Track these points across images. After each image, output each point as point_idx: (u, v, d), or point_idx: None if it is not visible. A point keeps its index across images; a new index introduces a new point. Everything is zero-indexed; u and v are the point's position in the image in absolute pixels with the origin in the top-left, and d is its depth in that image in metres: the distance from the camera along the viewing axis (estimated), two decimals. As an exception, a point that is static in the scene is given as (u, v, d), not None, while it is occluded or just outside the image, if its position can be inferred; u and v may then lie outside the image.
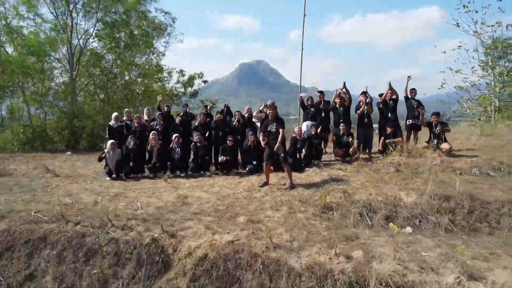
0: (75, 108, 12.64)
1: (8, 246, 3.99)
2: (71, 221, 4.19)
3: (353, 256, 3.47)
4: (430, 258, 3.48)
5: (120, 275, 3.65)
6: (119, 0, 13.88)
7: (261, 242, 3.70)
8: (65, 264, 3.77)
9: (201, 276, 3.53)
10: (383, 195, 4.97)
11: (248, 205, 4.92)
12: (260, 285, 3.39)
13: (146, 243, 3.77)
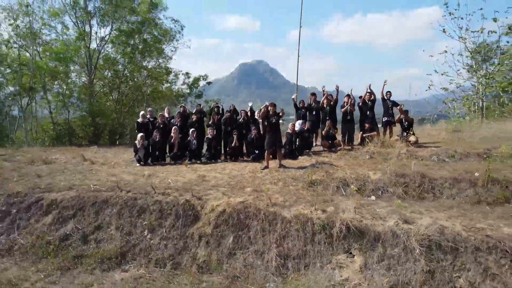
0: (96, 108, 14.19)
1: (80, 207, 5.48)
2: (124, 189, 5.68)
3: (327, 210, 4.96)
4: (381, 212, 4.97)
5: (164, 225, 5.13)
6: (133, 11, 15.40)
7: (263, 202, 5.19)
8: (123, 218, 5.26)
9: (221, 224, 5.02)
10: (356, 174, 6.45)
11: (253, 181, 6.41)
12: (262, 229, 4.88)
13: (181, 203, 5.26)
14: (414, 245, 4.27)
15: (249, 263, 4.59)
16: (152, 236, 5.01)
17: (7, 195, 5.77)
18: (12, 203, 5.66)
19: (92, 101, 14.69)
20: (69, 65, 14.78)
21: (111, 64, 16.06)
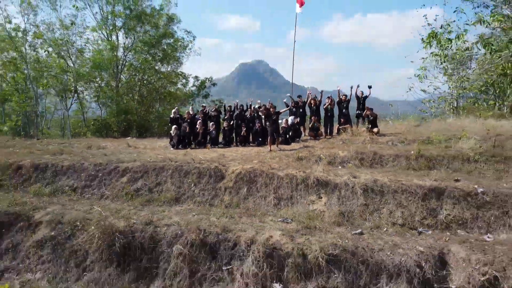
0: (127, 107, 17.03)
1: (145, 171, 8.25)
2: (172, 160, 8.47)
3: (306, 172, 7.72)
4: (340, 173, 7.73)
5: (201, 182, 7.90)
6: (156, 26, 18.22)
7: (265, 167, 7.95)
8: (174, 178, 8.03)
9: (238, 181, 7.77)
10: (329, 153, 9.21)
11: (258, 157, 9.17)
12: (265, 183, 7.64)
13: (212, 168, 8.04)
14: (357, 189, 7.04)
15: (256, 203, 7.36)
16: (195, 188, 7.78)
17: (94, 165, 8.54)
18: (98, 170, 8.43)
19: (120, 102, 17.55)
20: (102, 71, 17.62)
21: (134, 70, 18.94)
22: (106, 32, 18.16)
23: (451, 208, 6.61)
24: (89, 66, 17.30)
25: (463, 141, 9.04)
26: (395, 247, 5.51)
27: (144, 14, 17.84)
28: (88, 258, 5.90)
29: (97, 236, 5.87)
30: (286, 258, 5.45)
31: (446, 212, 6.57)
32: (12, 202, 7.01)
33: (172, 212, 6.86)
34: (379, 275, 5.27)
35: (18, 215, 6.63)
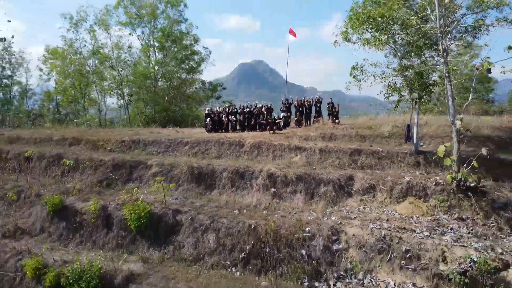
0: (166, 106, 23.15)
1: (198, 142, 14.29)
2: (213, 138, 14.56)
3: (290, 141, 13.78)
4: (309, 144, 13.79)
5: (230, 148, 13.93)
6: (186, 47, 24.44)
7: (266, 140, 14.00)
8: (215, 146, 14.04)
9: (252, 147, 13.80)
10: (305, 133, 15.25)
11: (262, 136, 15.22)
12: (267, 148, 13.67)
13: (237, 141, 14.08)
14: (316, 150, 13.10)
15: (262, 158, 13.38)
16: (227, 152, 13.83)
17: (167, 140, 14.60)
18: (170, 142, 14.48)
19: (159, 102, 23.70)
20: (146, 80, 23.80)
21: (166, 79, 25.11)
22: (148, 51, 24.32)
23: (364, 159, 12.67)
24: (136, 76, 23.49)
25: (384, 127, 15.13)
26: (329, 173, 11.56)
27: (177, 38, 24.00)
28: (181, 180, 11.94)
29: (185, 170, 11.92)
30: (277, 177, 11.51)
31: (361, 161, 12.63)
32: (132, 156, 13.08)
33: (217, 162, 12.91)
34: (319, 184, 11.31)
35: (139, 162, 12.68)
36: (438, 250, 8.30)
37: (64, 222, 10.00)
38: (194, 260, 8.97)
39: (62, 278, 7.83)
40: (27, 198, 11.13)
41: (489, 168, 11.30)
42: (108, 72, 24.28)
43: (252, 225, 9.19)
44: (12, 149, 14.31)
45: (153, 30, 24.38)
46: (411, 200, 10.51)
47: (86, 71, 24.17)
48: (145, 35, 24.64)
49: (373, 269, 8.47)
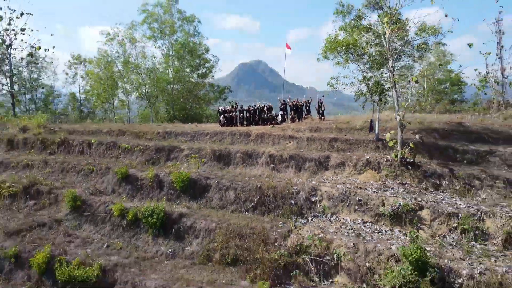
0: (183, 105, 27.77)
1: (216, 133, 18.83)
2: (227, 129, 19.12)
3: (285, 132, 18.37)
4: (299, 134, 18.40)
5: (240, 137, 18.47)
6: (199, 56, 29.03)
7: (268, 132, 18.58)
8: (229, 136, 18.59)
9: (256, 136, 18.33)
10: (297, 127, 19.80)
11: (264, 129, 19.80)
12: (268, 137, 18.25)
13: (245, 132, 18.63)
14: (304, 139, 17.68)
15: (264, 144, 17.90)
16: (238, 140, 18.37)
17: (192, 131, 19.13)
18: (195, 133, 18.98)
19: (178, 102, 28.33)
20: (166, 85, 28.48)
21: (182, 83, 29.75)
22: (167, 60, 28.91)
23: (339, 144, 17.22)
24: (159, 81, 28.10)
25: (357, 122, 19.70)
26: (313, 154, 16.10)
27: (192, 49, 28.57)
28: (206, 158, 16.46)
29: (209, 151, 16.46)
30: (275, 157, 16.07)
31: (336, 146, 17.19)
32: (168, 143, 17.65)
33: (231, 147, 17.46)
34: (305, 161, 15.84)
35: (174, 146, 17.21)
36: (379, 199, 12.89)
37: (130, 185, 14.57)
38: (220, 208, 13.55)
39: (139, 214, 12.41)
40: (99, 171, 15.67)
41: (430, 150, 15.93)
42: (135, 77, 28.84)
43: (258, 185, 13.78)
44: (75, 138, 18.84)
45: (172, 43, 28.95)
46: (368, 172, 15.11)
47: (116, 76, 28.72)
48: (164, 46, 29.33)
49: (337, 212, 13.05)
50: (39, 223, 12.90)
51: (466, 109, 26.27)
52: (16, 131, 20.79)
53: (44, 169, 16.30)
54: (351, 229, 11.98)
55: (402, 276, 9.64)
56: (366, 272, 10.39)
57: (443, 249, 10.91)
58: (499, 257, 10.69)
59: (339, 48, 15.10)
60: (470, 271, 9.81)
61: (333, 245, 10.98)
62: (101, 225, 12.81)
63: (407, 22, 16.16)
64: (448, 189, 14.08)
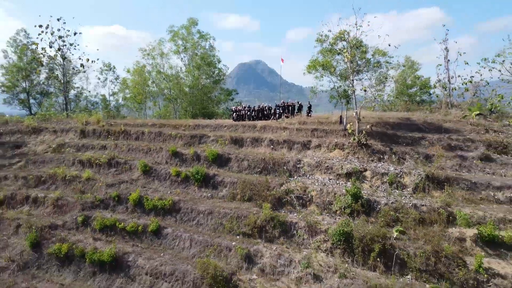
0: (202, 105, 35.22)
1: (231, 125, 26.26)
2: (240, 123, 26.59)
3: (281, 125, 25.83)
4: (290, 126, 25.89)
5: (249, 128, 25.92)
6: (214, 66, 36.51)
7: (268, 124, 26.03)
8: (241, 127, 25.95)
9: (261, 128, 25.70)
10: (289, 121, 27.21)
11: (266, 123, 27.24)
12: (268, 128, 25.68)
13: (252, 124, 26.06)
14: (294, 129, 25.12)
15: (266, 132, 25.30)
16: (247, 130, 25.78)
17: (214, 124, 26.48)
18: (216, 125, 26.25)
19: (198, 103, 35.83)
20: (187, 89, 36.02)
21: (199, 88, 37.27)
22: (189, 70, 36.30)
23: (318, 133, 24.64)
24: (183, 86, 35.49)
25: (333, 117, 27.11)
26: (299, 139, 23.51)
27: (209, 62, 35.97)
28: (226, 142, 23.83)
29: (228, 137, 23.82)
30: (274, 141, 23.45)
31: (316, 134, 24.60)
32: (198, 132, 25.03)
33: (243, 134, 24.85)
34: (294, 144, 23.24)
35: (203, 134, 24.49)
36: (340, 166, 20.33)
37: (177, 158, 21.96)
38: (238, 172, 20.93)
39: (188, 174, 19.83)
40: (154, 150, 23.03)
41: (381, 136, 23.34)
42: (164, 84, 36.03)
43: (263, 157, 21.20)
44: (131, 129, 26.23)
45: (193, 56, 36.24)
46: (336, 150, 22.56)
47: (149, 83, 36.06)
48: (186, 58, 36.69)
49: (313, 173, 20.49)
50: (123, 180, 20.33)
51: (423, 108, 33.47)
52: (82, 124, 28.17)
53: (115, 149, 23.67)
54: (320, 182, 19.48)
55: (345, 202, 17.12)
56: (327, 203, 17.86)
57: (375, 192, 18.42)
58: (407, 197, 18.15)
59: (318, 66, 22.52)
60: (386, 201, 17.31)
61: (308, 189, 18.45)
62: (164, 181, 20.24)
63: (366, 47, 23.61)
64: (387, 161, 21.54)
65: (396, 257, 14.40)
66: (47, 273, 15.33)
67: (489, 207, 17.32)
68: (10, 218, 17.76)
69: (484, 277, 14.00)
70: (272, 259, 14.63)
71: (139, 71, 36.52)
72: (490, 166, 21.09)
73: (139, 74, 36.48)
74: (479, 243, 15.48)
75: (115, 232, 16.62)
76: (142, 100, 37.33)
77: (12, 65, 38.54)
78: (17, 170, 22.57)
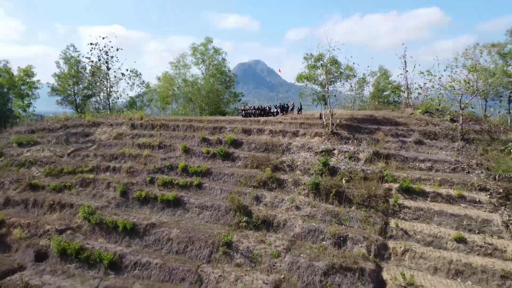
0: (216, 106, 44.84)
1: (242, 120, 36.00)
2: (248, 119, 36.38)
3: (278, 120, 35.63)
4: (285, 120, 35.71)
5: (255, 122, 35.71)
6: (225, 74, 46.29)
7: (270, 119, 35.82)
8: (249, 121, 35.68)
9: (263, 122, 35.50)
10: (284, 118, 36.92)
11: (268, 118, 37.01)
12: (269, 122, 35.45)
13: (257, 120, 35.81)
14: (287, 123, 34.91)
15: (267, 124, 35.05)
16: (254, 123, 35.50)
17: (229, 119, 36.21)
18: (230, 121, 35.95)
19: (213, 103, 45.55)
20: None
21: (212, 92, 47.27)
22: (207, 78, 46.03)
23: (305, 125, 34.35)
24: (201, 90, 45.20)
25: (316, 114, 36.84)
26: (291, 129, 33.28)
27: (222, 72, 45.68)
28: (238, 131, 33.56)
29: (239, 128, 33.57)
30: (273, 131, 33.22)
31: (303, 126, 34.34)
32: (218, 125, 34.71)
33: (251, 126, 34.54)
34: (287, 133, 32.91)
35: (222, 126, 34.18)
36: (317, 146, 30.13)
37: (206, 142, 31.55)
38: (249, 151, 30.66)
39: (215, 151, 29.65)
40: (188, 137, 32.69)
41: (349, 128, 33.15)
42: (186, 89, 45.65)
43: (265, 141, 30.97)
44: (168, 123, 35.88)
45: (209, 67, 45.92)
46: (316, 137, 32.36)
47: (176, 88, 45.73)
48: (203, 68, 46.36)
49: (299, 152, 30.27)
50: (171, 157, 30.05)
51: (388, 108, 43.12)
52: (129, 120, 37.84)
53: (160, 137, 33.35)
54: (303, 157, 29.32)
55: (318, 168, 26.91)
56: (307, 169, 27.65)
57: (339, 163, 28.24)
58: (359, 165, 27.95)
59: (303, 79, 32.35)
60: (344, 167, 27.14)
61: (295, 161, 28.25)
62: (198, 157, 29.98)
63: (339, 64, 33.43)
64: (350, 144, 31.30)
65: (345, 196, 24.18)
66: (133, 209, 25.04)
67: (412, 172, 26.99)
68: (101, 179, 27.48)
69: (397, 208, 23.69)
70: (271, 199, 24.39)
71: (167, 79, 46.20)
72: (421, 148, 30.86)
73: (167, 81, 46.14)
74: (400, 191, 25.13)
75: (172, 186, 26.28)
76: (169, 101, 47.05)
77: (65, 74, 48.22)
78: (94, 150, 32.29)
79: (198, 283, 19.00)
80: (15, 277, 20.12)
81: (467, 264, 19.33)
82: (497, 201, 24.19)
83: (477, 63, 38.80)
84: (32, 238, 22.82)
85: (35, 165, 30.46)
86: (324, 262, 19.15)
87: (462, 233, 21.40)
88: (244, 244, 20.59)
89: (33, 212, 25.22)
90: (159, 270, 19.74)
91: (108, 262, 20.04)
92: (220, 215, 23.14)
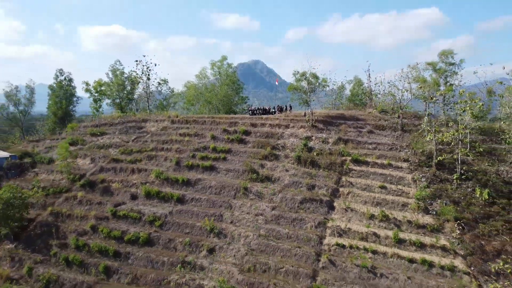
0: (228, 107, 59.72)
1: (250, 117, 50.96)
2: (253, 116, 51.36)
3: (276, 116, 50.64)
4: (281, 117, 50.73)
5: (257, 119, 50.72)
6: (236, 82, 61.07)
7: (270, 117, 50.77)
8: (255, 118, 50.75)
9: (266, 119, 50.37)
10: (280, 116, 51.89)
11: (269, 116, 51.95)
12: (269, 119, 50.44)
13: (260, 117, 50.81)
14: (282, 119, 49.92)
15: (268, 120, 49.94)
16: (258, 119, 50.45)
17: (240, 117, 51.04)
18: (241, 117, 50.79)
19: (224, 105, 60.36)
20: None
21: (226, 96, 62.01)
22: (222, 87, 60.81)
23: (294, 121, 49.29)
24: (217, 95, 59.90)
25: (303, 113, 51.78)
26: (284, 123, 48.23)
27: (233, 81, 60.41)
28: (248, 124, 48.50)
29: (248, 122, 48.44)
30: (272, 124, 48.13)
31: (293, 121, 49.26)
32: (233, 120, 49.64)
33: (256, 121, 49.40)
34: (281, 126, 47.92)
35: (236, 122, 49.06)
36: (301, 134, 45.07)
37: (226, 132, 46.06)
38: (255, 137, 45.65)
39: (234, 138, 44.74)
40: (213, 128, 47.39)
41: (325, 122, 48.17)
42: (207, 94, 60.35)
43: (266, 132, 45.88)
44: (198, 119, 50.66)
45: (223, 77, 60.66)
46: (301, 128, 47.34)
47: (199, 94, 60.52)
48: (219, 78, 61.04)
49: (290, 138, 45.25)
50: (203, 141, 45.11)
51: (357, 108, 57.96)
52: (168, 117, 52.64)
53: (194, 129, 48.13)
54: (292, 141, 44.40)
55: (300, 147, 41.99)
56: (293, 148, 42.69)
57: (315, 145, 43.35)
58: (327, 146, 43.12)
59: (292, 89, 47.36)
60: (318, 147, 42.33)
61: (286, 143, 43.23)
62: (221, 141, 44.59)
63: (318, 78, 48.29)
64: (324, 133, 46.28)
65: (316, 164, 39.16)
66: (184, 172, 40.03)
67: (362, 150, 41.81)
68: (160, 155, 42.42)
69: (348, 170, 38.61)
70: (270, 166, 39.35)
71: (193, 87, 61.14)
72: (372, 135, 45.77)
73: (192, 88, 61.12)
74: (351, 161, 39.93)
75: (207, 158, 40.68)
76: (194, 103, 61.99)
77: (113, 82, 63.10)
78: (149, 138, 47.17)
79: (229, 208, 33.95)
80: (122, 207, 35.07)
81: (384, 199, 33.92)
82: (413, 167, 38.97)
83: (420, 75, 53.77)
84: (125, 188, 37.78)
85: (111, 147, 45.35)
86: (300, 197, 34.06)
87: (385, 184, 36.03)
88: (254, 188, 35.53)
89: (121, 175, 40.20)
90: (206, 202, 34.72)
91: (176, 198, 34.92)
92: (239, 174, 38.09)
